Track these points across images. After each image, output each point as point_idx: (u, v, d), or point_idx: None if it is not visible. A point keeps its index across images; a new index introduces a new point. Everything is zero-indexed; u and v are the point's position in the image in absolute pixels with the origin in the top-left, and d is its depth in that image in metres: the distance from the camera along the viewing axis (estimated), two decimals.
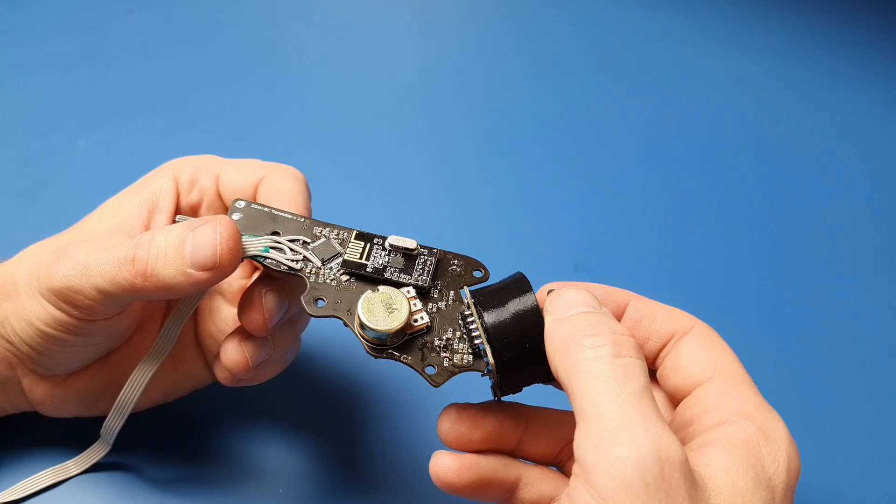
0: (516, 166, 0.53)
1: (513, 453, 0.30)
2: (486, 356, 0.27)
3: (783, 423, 0.26)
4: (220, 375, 0.33)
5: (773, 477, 0.24)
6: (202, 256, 0.29)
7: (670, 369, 0.29)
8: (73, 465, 0.36)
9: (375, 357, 0.29)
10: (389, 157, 0.53)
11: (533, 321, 0.26)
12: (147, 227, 0.33)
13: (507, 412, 0.30)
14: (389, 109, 0.56)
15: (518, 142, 0.54)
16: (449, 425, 0.29)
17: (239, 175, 0.34)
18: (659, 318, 0.29)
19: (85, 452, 0.36)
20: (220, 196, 0.35)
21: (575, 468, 0.23)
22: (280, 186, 0.33)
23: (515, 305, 0.27)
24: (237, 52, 0.59)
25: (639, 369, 0.24)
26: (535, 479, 0.29)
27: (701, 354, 0.28)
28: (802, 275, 0.47)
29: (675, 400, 0.29)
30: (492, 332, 0.27)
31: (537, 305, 0.27)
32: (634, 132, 0.55)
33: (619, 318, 0.30)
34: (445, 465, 0.29)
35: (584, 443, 0.22)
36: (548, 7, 0.65)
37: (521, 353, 0.26)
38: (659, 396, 0.30)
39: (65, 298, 0.30)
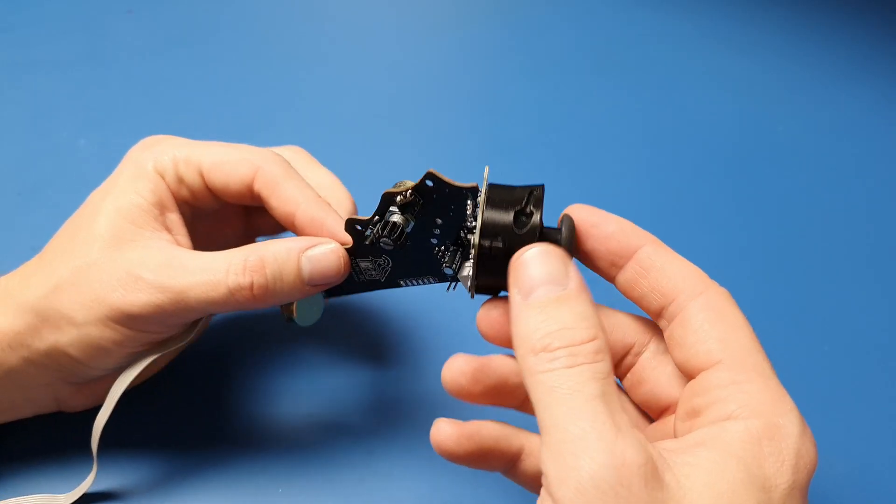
0: (516, 166, 0.53)
1: (519, 408, 0.30)
2: (473, 241, 0.28)
3: (796, 414, 0.24)
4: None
5: (771, 477, 0.23)
6: (323, 275, 0.31)
7: (677, 342, 0.27)
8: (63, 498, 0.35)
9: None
10: (389, 157, 0.53)
11: (524, 242, 0.27)
12: (167, 230, 0.33)
13: (513, 366, 0.29)
14: (389, 109, 0.56)
15: (518, 141, 0.54)
16: (451, 376, 0.29)
17: (227, 177, 0.33)
18: (670, 272, 0.27)
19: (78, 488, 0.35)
20: (209, 190, 0.34)
21: (543, 479, 0.23)
22: (289, 195, 0.33)
23: (516, 221, 0.27)
24: (237, 52, 0.59)
25: (593, 375, 0.23)
26: (537, 450, 0.29)
27: (709, 332, 0.26)
28: (802, 274, 0.47)
29: (683, 373, 0.27)
30: (486, 223, 0.27)
31: (538, 224, 0.27)
32: (634, 132, 0.55)
33: (625, 260, 0.28)
34: (445, 434, 0.28)
35: (545, 454, 0.23)
36: (548, 7, 0.65)
37: (500, 254, 0.27)
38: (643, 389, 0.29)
39: (146, 321, 0.31)
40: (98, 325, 0.30)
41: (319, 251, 0.31)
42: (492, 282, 0.28)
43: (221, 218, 0.38)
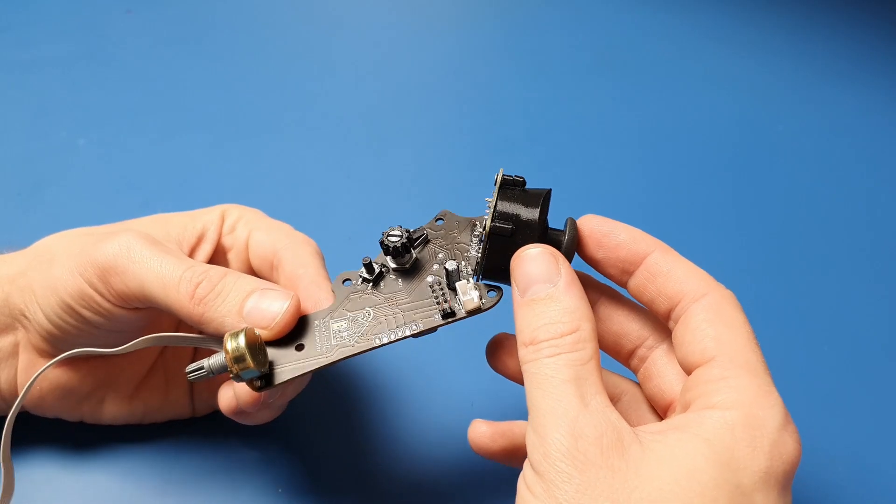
0: (516, 166, 0.52)
1: None
2: (484, 229, 0.29)
3: (780, 409, 0.26)
4: (221, 405, 0.34)
5: (740, 458, 0.24)
6: (259, 317, 0.30)
7: (679, 341, 0.28)
8: None
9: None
10: (388, 157, 0.53)
11: (529, 232, 0.29)
12: (192, 252, 0.34)
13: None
14: (389, 109, 0.56)
15: (517, 141, 0.54)
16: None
17: (266, 237, 0.35)
18: (675, 276, 0.29)
19: None
20: (247, 249, 0.36)
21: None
22: (304, 260, 0.34)
23: (525, 212, 0.29)
24: (236, 52, 0.59)
25: (569, 362, 0.26)
26: None
27: (706, 332, 0.27)
28: (802, 274, 0.47)
29: (683, 370, 0.28)
30: (498, 213, 0.29)
31: (537, 220, 0.29)
32: (633, 131, 0.55)
33: (635, 266, 0.30)
34: (480, 432, 0.33)
35: (528, 430, 0.26)
36: (547, 7, 0.65)
37: (506, 234, 0.29)
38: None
39: (102, 277, 0.31)
40: (65, 268, 0.32)
41: (271, 295, 0.31)
42: (495, 264, 0.30)
43: None
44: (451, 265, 0.30)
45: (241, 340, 0.28)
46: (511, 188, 0.30)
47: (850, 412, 0.41)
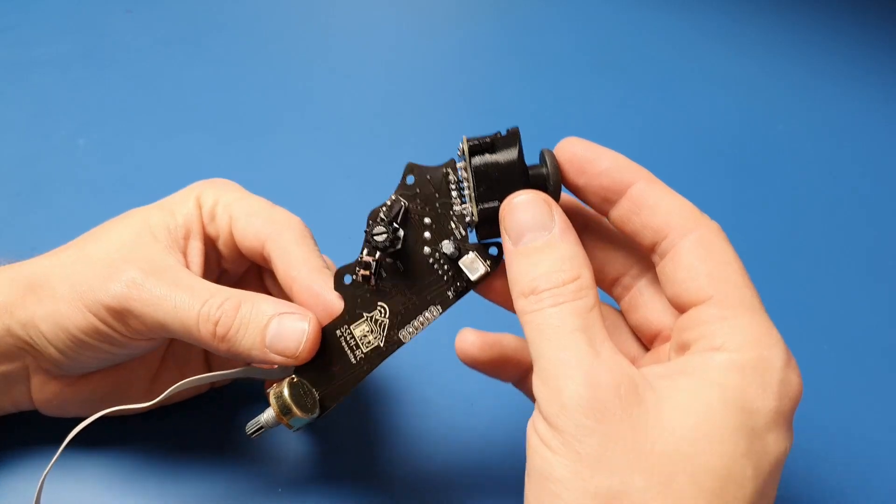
0: None
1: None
2: (470, 190, 0.29)
3: (782, 347, 0.25)
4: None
5: (753, 401, 0.24)
6: (283, 345, 0.30)
7: (669, 278, 0.28)
8: None
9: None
10: (389, 157, 0.53)
11: (511, 174, 0.29)
12: (184, 254, 0.33)
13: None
14: (389, 108, 0.56)
15: None
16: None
17: (248, 226, 0.34)
18: (662, 209, 0.28)
19: None
20: (232, 236, 0.34)
21: (535, 402, 0.26)
22: (295, 257, 0.32)
23: (502, 156, 0.29)
24: (236, 51, 0.59)
25: (575, 311, 0.26)
26: None
27: (699, 269, 0.27)
28: (801, 274, 0.47)
29: (675, 307, 0.28)
30: (479, 170, 0.29)
31: (517, 157, 0.29)
32: (633, 131, 0.55)
33: (618, 196, 0.29)
34: (469, 342, 0.32)
35: (536, 381, 0.25)
36: (547, 7, 0.65)
37: (493, 170, 0.29)
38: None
39: (116, 317, 0.31)
40: (72, 305, 0.31)
41: (290, 320, 0.30)
42: (488, 215, 0.29)
43: (242, 286, 0.37)
44: (447, 248, 0.29)
45: (284, 393, 0.30)
46: (478, 142, 0.29)
47: (850, 412, 0.41)
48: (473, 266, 0.29)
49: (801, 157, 0.54)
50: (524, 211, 0.27)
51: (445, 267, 0.30)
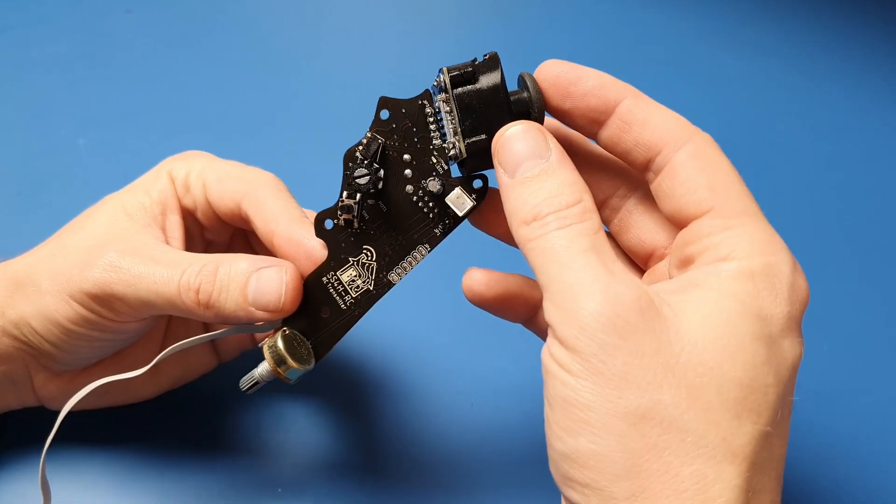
0: None
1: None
2: (455, 123, 0.28)
3: (787, 252, 0.25)
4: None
5: (767, 307, 0.24)
6: (265, 300, 0.30)
7: (666, 193, 0.27)
8: None
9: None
10: None
11: (496, 104, 0.28)
12: (163, 229, 0.33)
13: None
14: None
15: None
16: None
17: (221, 190, 0.34)
18: (653, 124, 0.27)
19: None
20: (209, 204, 0.34)
21: (549, 329, 0.25)
22: (271, 212, 0.32)
23: (484, 83, 0.28)
24: (236, 52, 0.59)
25: (582, 231, 0.25)
26: None
27: (698, 181, 0.26)
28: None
29: (674, 223, 0.28)
30: (463, 102, 0.28)
31: (500, 83, 0.28)
32: None
33: (606, 116, 0.28)
34: (476, 279, 0.31)
35: (548, 306, 0.25)
36: (548, 7, 0.65)
37: (474, 99, 0.28)
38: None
39: (101, 302, 0.31)
40: (56, 297, 0.31)
41: (268, 273, 0.30)
42: (476, 135, 0.28)
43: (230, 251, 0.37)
44: (434, 186, 0.29)
45: (279, 344, 0.30)
46: (459, 73, 0.29)
47: (850, 412, 0.41)
48: (460, 202, 0.29)
49: (801, 157, 0.54)
50: (518, 141, 0.27)
51: (430, 204, 0.29)
